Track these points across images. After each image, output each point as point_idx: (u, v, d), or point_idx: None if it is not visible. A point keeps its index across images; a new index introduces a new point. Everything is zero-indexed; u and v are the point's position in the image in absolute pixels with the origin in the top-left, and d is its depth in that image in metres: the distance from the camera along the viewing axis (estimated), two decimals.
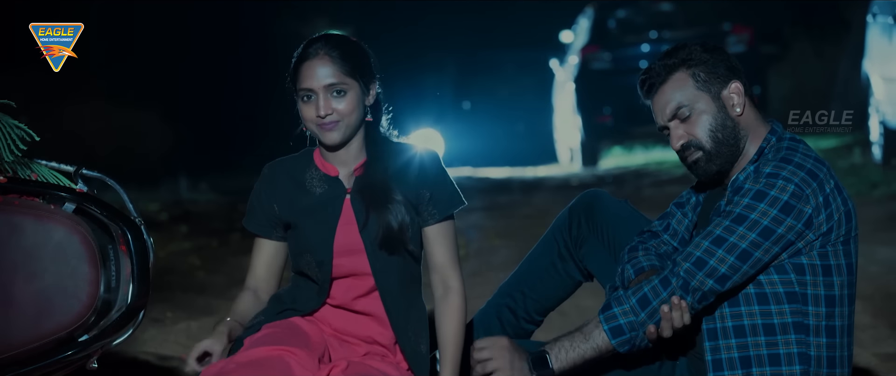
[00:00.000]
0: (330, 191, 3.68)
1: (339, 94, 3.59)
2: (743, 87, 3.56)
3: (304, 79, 3.59)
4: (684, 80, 3.56)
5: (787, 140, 3.54)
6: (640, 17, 14.94)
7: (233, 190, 13.85)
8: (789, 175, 3.40)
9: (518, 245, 8.61)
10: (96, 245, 3.65)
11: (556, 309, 4.05)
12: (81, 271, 3.63)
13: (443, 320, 3.64)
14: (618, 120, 14.63)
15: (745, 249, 3.40)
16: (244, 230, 3.77)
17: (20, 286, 3.57)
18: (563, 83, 16.19)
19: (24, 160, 3.80)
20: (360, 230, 3.63)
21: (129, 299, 3.72)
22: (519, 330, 3.98)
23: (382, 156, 3.67)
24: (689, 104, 3.55)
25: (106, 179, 3.86)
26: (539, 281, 3.95)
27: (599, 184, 12.80)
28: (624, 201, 3.95)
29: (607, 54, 14.66)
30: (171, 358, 5.19)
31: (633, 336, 3.45)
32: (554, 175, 14.79)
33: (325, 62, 3.58)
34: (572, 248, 3.90)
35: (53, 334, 3.60)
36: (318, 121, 3.59)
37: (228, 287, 7.18)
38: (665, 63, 3.60)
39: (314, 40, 3.63)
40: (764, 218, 3.38)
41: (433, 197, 3.65)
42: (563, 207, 3.95)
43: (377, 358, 3.68)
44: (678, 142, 3.58)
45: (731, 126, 3.54)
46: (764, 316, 3.46)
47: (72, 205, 3.70)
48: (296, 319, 3.67)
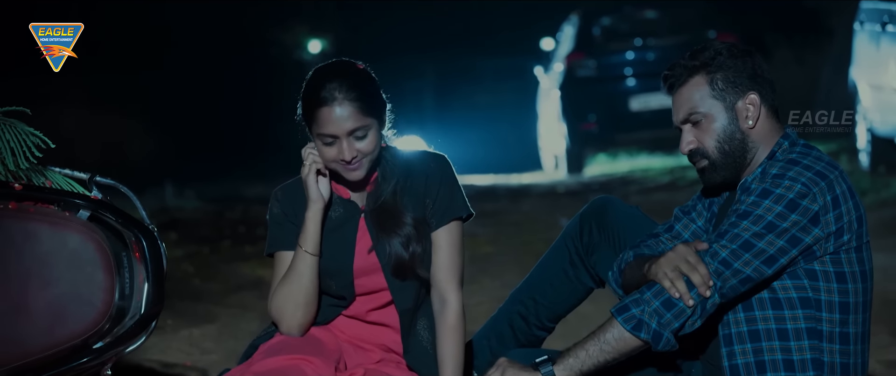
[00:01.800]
0: (344, 214, 3.66)
1: (361, 135, 3.53)
2: (760, 98, 3.53)
3: (324, 125, 3.51)
4: (702, 86, 3.55)
5: (799, 145, 3.53)
6: (624, 25, 14.96)
7: (219, 197, 13.84)
8: (795, 175, 3.40)
9: (510, 252, 8.63)
10: (111, 252, 3.64)
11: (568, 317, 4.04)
12: (96, 278, 3.62)
13: (441, 341, 3.62)
14: (603, 127, 14.65)
15: (747, 239, 3.38)
16: (234, 238, 3.74)
17: (35, 293, 3.56)
18: (547, 90, 16.21)
19: (39, 167, 3.80)
20: (376, 250, 3.63)
21: (143, 306, 3.71)
22: (531, 337, 3.98)
23: (390, 174, 3.64)
24: (702, 111, 3.55)
25: (119, 186, 3.86)
26: (551, 288, 3.94)
27: (586, 192, 12.83)
28: (635, 207, 3.95)
29: (592, 62, 14.68)
30: (175, 365, 5.19)
31: (657, 331, 3.43)
32: (539, 182, 14.81)
33: (345, 107, 3.50)
34: (584, 255, 3.89)
35: (68, 341, 3.59)
36: (343, 163, 3.54)
37: (225, 294, 7.18)
38: (688, 64, 3.58)
39: (328, 81, 3.52)
40: (768, 213, 3.37)
41: (434, 205, 3.63)
42: (551, 214, 3.96)
43: (392, 365, 3.67)
44: (686, 148, 3.59)
45: (740, 138, 3.53)
46: (778, 321, 3.45)
47: (86, 213, 3.69)
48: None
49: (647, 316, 3.40)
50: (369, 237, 3.63)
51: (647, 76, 14.36)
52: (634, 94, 14.46)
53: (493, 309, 4.05)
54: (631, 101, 14.45)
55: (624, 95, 14.53)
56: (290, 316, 3.62)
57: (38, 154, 3.77)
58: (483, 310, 5.59)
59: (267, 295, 7.10)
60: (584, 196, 12.32)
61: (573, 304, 4.00)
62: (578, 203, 11.67)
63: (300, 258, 3.61)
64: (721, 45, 3.58)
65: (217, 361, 5.33)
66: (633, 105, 14.41)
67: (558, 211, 10.37)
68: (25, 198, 3.67)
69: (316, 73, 3.58)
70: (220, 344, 5.73)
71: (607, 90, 14.54)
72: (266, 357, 3.52)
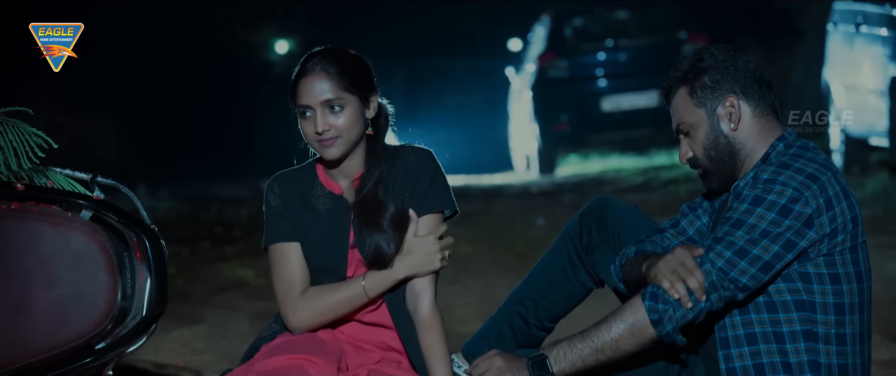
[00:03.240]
0: (335, 209, 3.66)
1: (337, 110, 3.56)
2: (739, 99, 3.53)
3: (302, 95, 3.57)
4: (685, 97, 3.57)
5: (795, 147, 3.52)
6: (596, 26, 15.02)
7: (192, 197, 13.80)
8: (787, 179, 3.39)
9: (489, 252, 8.65)
10: (113, 252, 3.64)
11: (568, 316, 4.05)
12: (99, 279, 3.62)
13: (423, 339, 3.62)
14: (575, 127, 14.71)
15: (742, 247, 3.38)
16: (212, 239, 3.73)
17: (38, 293, 3.56)
18: (519, 91, 16.25)
19: (40, 167, 3.79)
20: (358, 244, 3.63)
21: (145, 306, 3.71)
22: (530, 337, 3.99)
23: (375, 167, 3.65)
24: (689, 121, 3.57)
25: (120, 187, 3.86)
26: (550, 288, 3.95)
27: (559, 192, 12.87)
28: (634, 206, 3.95)
29: (564, 62, 14.73)
30: (167, 366, 5.18)
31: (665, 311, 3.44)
32: (512, 183, 14.84)
33: (322, 78, 3.55)
34: (583, 255, 3.90)
35: (71, 342, 3.59)
36: (316, 137, 3.56)
37: (211, 295, 7.17)
38: (673, 75, 3.61)
39: (312, 56, 3.61)
40: (761, 221, 3.38)
41: (412, 197, 3.65)
42: (526, 215, 3.97)
43: (393, 364, 3.68)
44: (684, 158, 3.62)
45: (725, 142, 3.54)
46: (773, 324, 3.45)
47: (89, 213, 3.69)
48: None
49: (667, 317, 3.43)
50: (353, 232, 3.64)
51: (619, 77, 14.44)
52: (606, 94, 14.53)
53: (480, 309, 4.06)
54: (603, 102, 14.52)
55: (596, 96, 14.59)
56: (315, 326, 3.64)
57: (40, 154, 3.76)
58: (470, 311, 5.59)
59: (253, 295, 7.11)
60: (558, 196, 12.37)
61: (573, 304, 4.01)
62: (552, 203, 11.75)
63: (356, 293, 3.62)
64: (705, 51, 3.58)
65: (209, 362, 5.32)
66: (604, 105, 14.48)
67: (534, 211, 10.40)
68: (28, 198, 3.66)
69: (306, 54, 3.63)
70: (211, 344, 5.73)
71: (579, 91, 14.60)
72: (268, 356, 3.51)
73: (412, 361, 3.66)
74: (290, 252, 3.65)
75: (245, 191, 14.98)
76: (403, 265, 3.61)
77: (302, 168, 3.73)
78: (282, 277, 3.65)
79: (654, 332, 3.43)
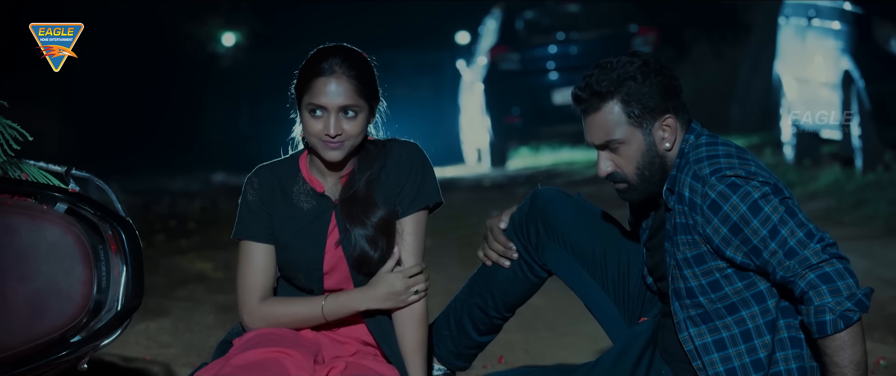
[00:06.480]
0: (317, 208, 3.63)
1: (351, 115, 3.52)
2: (675, 118, 3.46)
3: (318, 94, 3.50)
4: (617, 115, 3.44)
5: (704, 135, 3.48)
6: (547, 19, 15.09)
7: (143, 190, 13.71)
8: (729, 166, 3.35)
9: (449, 244, 8.67)
10: (89, 245, 3.61)
11: None
12: (75, 272, 3.58)
13: (405, 329, 3.64)
14: (526, 120, 14.76)
15: (798, 239, 3.29)
16: (167, 232, 3.71)
17: (13, 287, 3.52)
18: (470, 84, 16.27)
19: (14, 160, 3.75)
20: (342, 242, 3.61)
21: (120, 300, 3.68)
22: (490, 325, 3.99)
23: (366, 165, 3.62)
24: (618, 138, 3.45)
25: (94, 179, 3.83)
26: (507, 283, 3.92)
27: (512, 185, 12.89)
28: (576, 195, 3.92)
29: (516, 55, 14.78)
30: (135, 360, 5.14)
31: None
32: (464, 175, 14.85)
33: (342, 81, 3.50)
34: (534, 254, 3.87)
35: (47, 335, 3.55)
36: (325, 138, 3.52)
37: (172, 288, 7.14)
38: (599, 89, 3.46)
39: (330, 54, 3.53)
40: (774, 214, 3.31)
41: (402, 193, 3.63)
42: (482, 207, 3.97)
43: (369, 357, 3.67)
44: (604, 171, 3.52)
45: (659, 162, 3.46)
46: (738, 323, 3.43)
47: (64, 206, 3.66)
48: None
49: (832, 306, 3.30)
50: (338, 230, 3.62)
51: (570, 70, 14.49)
52: (557, 87, 14.58)
53: (444, 301, 4.06)
54: (554, 95, 14.58)
55: (547, 89, 14.65)
56: (274, 326, 3.63)
57: (15, 147, 3.72)
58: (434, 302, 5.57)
59: (215, 288, 7.07)
60: (511, 189, 12.39)
61: (531, 293, 3.99)
62: (506, 196, 11.76)
63: (314, 314, 3.62)
64: (630, 64, 3.47)
65: (176, 355, 5.29)
66: (556, 98, 14.53)
67: (489, 204, 10.38)
68: (2, 190, 3.62)
69: (320, 49, 3.57)
70: (176, 337, 5.70)
71: (531, 83, 14.65)
72: (244, 350, 3.49)
73: (386, 356, 3.66)
74: (257, 253, 3.63)
75: (195, 184, 14.91)
76: (366, 297, 3.61)
77: (284, 160, 3.69)
78: (245, 277, 3.64)
79: (858, 316, 3.30)
